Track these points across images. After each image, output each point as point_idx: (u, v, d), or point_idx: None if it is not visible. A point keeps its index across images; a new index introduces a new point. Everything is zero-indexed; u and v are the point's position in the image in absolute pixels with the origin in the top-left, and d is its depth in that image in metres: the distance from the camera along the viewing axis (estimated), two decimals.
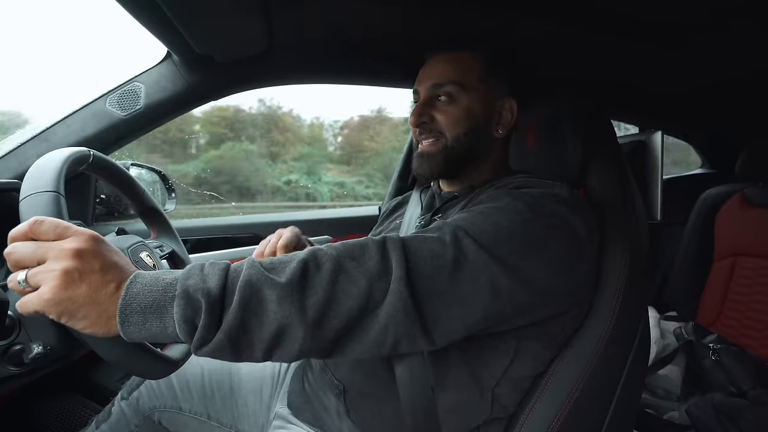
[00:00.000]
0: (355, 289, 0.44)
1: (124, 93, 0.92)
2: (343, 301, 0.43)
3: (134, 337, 0.41)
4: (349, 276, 0.44)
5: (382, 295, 0.45)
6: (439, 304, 0.47)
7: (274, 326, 0.42)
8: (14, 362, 0.54)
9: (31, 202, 0.48)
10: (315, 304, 0.42)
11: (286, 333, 0.42)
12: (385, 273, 0.45)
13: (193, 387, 0.79)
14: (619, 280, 0.64)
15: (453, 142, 0.69)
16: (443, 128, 0.69)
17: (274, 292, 0.42)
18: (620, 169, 0.75)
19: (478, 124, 0.70)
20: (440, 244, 0.49)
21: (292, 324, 0.42)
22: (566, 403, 0.59)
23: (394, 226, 0.83)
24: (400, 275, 0.45)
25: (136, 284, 0.41)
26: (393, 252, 0.47)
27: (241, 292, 0.41)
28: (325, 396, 0.67)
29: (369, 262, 0.46)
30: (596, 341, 0.61)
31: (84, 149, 0.62)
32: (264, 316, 0.42)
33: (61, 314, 0.40)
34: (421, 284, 0.46)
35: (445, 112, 0.69)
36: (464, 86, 0.69)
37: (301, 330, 0.42)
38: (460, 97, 0.69)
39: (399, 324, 0.45)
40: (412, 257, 0.47)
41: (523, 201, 0.55)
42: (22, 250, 0.41)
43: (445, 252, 0.48)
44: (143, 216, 0.84)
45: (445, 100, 0.70)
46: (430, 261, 0.47)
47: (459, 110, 0.69)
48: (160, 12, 0.69)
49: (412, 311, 0.45)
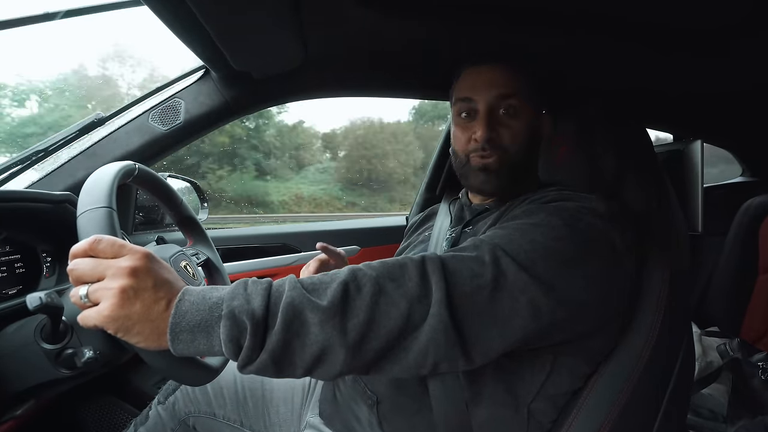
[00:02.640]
0: (395, 311, 0.44)
1: (165, 109, 0.97)
2: (384, 323, 0.44)
3: (183, 353, 0.43)
4: (389, 298, 0.44)
5: (422, 317, 0.44)
6: (478, 325, 0.47)
7: (315, 348, 0.42)
8: (67, 365, 0.56)
9: (89, 217, 0.51)
10: (356, 326, 0.43)
11: (327, 354, 0.43)
12: (425, 294, 0.45)
13: (226, 394, 0.81)
14: (660, 296, 0.62)
15: (515, 156, 0.68)
16: (507, 144, 0.68)
17: (316, 315, 0.42)
18: (658, 179, 0.73)
19: (534, 138, 0.70)
20: (479, 263, 0.49)
21: (333, 346, 0.42)
22: (605, 421, 0.57)
23: (423, 239, 0.82)
24: (440, 297, 0.45)
25: (185, 302, 0.43)
26: (433, 273, 0.46)
27: (284, 315, 0.42)
28: (357, 406, 0.67)
29: (408, 283, 0.46)
30: (637, 358, 0.59)
31: (131, 163, 0.65)
32: (306, 338, 0.42)
33: (118, 330, 0.42)
34: (460, 305, 0.46)
35: (509, 127, 0.68)
36: (525, 98, 0.68)
37: (342, 352, 0.43)
38: (522, 112, 0.68)
39: (439, 346, 0.44)
40: (452, 278, 0.47)
41: (558, 216, 0.55)
42: (82, 266, 0.43)
43: (484, 272, 0.48)
44: (181, 225, 0.87)
45: (508, 113, 0.68)
46: (469, 281, 0.47)
47: (521, 125, 0.68)
48: (200, 30, 0.72)
49: (452, 333, 0.45)
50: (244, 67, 0.89)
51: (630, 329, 0.61)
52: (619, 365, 0.60)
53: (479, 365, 0.49)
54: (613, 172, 0.72)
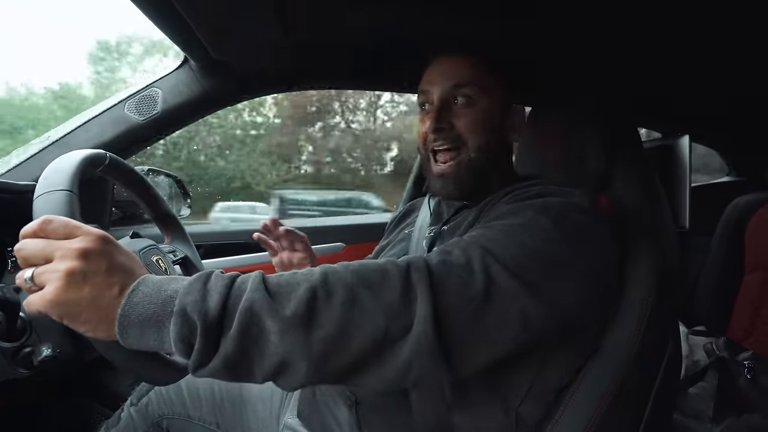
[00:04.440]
0: (370, 324, 0.40)
1: (142, 98, 0.94)
2: (356, 336, 0.39)
3: (133, 347, 0.40)
4: (364, 308, 0.40)
5: (403, 331, 0.40)
6: (468, 339, 0.44)
7: (275, 359, 0.39)
8: (24, 364, 0.53)
9: (44, 200, 0.48)
10: (321, 340, 0.39)
11: (288, 367, 0.39)
12: (408, 307, 0.41)
13: (202, 395, 0.78)
14: (648, 291, 0.61)
15: (476, 152, 0.64)
16: (464, 135, 0.64)
17: (276, 324, 0.38)
18: (646, 175, 0.72)
19: (497, 130, 0.66)
20: (468, 272, 0.45)
21: (294, 360, 0.39)
22: (593, 417, 0.56)
23: (403, 237, 0.79)
24: (425, 314, 0.41)
25: (138, 293, 0.39)
26: (418, 283, 0.42)
27: (240, 318, 0.38)
28: (337, 407, 0.65)
29: (389, 293, 0.41)
30: (624, 353, 0.58)
31: (100, 151, 0.62)
32: (265, 347, 0.39)
33: (63, 316, 0.39)
34: (448, 320, 0.42)
35: (465, 115, 0.64)
36: (483, 88, 0.65)
37: (304, 365, 0.39)
38: (480, 100, 0.65)
39: (423, 363, 0.41)
40: (439, 289, 0.43)
41: (546, 215, 0.52)
42: (30, 246, 0.40)
43: (474, 281, 0.44)
44: (158, 221, 0.84)
45: (464, 102, 0.65)
46: (458, 293, 0.43)
47: (479, 114, 0.64)
48: (178, 17, 0.70)
49: (437, 350, 0.41)
50: (224, 56, 0.87)
51: (618, 324, 0.60)
52: (606, 360, 0.59)
53: (467, 376, 0.46)
54: (601, 168, 0.71)
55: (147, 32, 7.25)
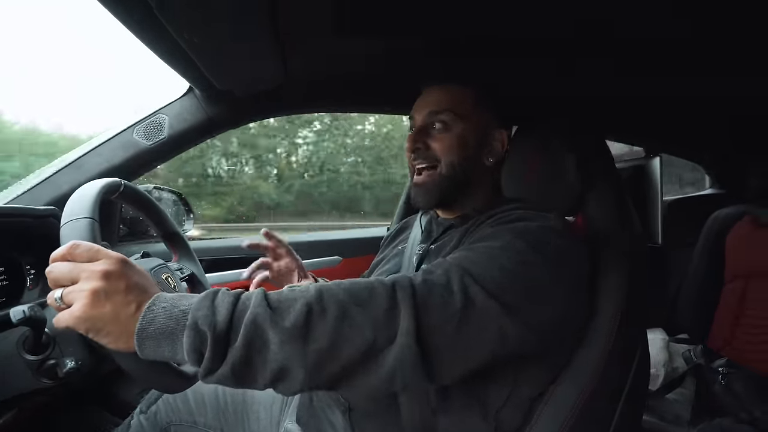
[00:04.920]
0: (359, 337, 0.45)
1: (149, 124, 1.00)
2: (346, 348, 0.45)
3: (150, 357, 0.45)
4: (354, 323, 0.45)
5: (387, 343, 0.46)
6: (446, 353, 0.48)
7: (275, 366, 0.44)
8: (48, 375, 0.59)
9: (71, 227, 0.54)
10: (316, 351, 0.44)
11: (287, 373, 0.44)
12: (392, 321, 0.46)
13: (208, 402, 0.83)
14: (617, 304, 0.65)
15: (447, 169, 0.72)
16: (438, 155, 0.72)
17: (277, 335, 0.44)
18: (617, 193, 0.75)
19: (470, 153, 0.73)
20: (449, 292, 0.50)
21: (292, 367, 0.44)
22: (564, 422, 0.60)
23: (397, 252, 0.85)
24: (407, 327, 0.46)
25: (154, 309, 0.45)
26: (402, 301, 0.47)
27: (245, 330, 0.43)
28: (332, 412, 0.70)
29: (376, 309, 0.46)
30: (595, 361, 0.63)
31: (116, 180, 0.68)
32: (267, 355, 0.44)
33: (89, 330, 0.44)
34: (428, 335, 0.47)
35: (440, 139, 0.72)
36: (459, 115, 0.72)
37: (301, 372, 0.44)
38: (454, 125, 0.72)
39: (405, 373, 0.46)
40: (421, 306, 0.48)
41: (523, 239, 0.56)
42: (59, 270, 0.46)
43: (453, 301, 0.49)
44: (166, 240, 0.89)
45: (440, 127, 0.72)
46: (438, 310, 0.48)
47: (453, 138, 0.72)
48: (183, 54, 0.76)
49: (419, 361, 0.46)
50: (227, 86, 0.93)
51: (590, 334, 0.64)
52: (579, 369, 0.63)
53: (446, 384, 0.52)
54: (576, 189, 0.74)
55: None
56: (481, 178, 0.75)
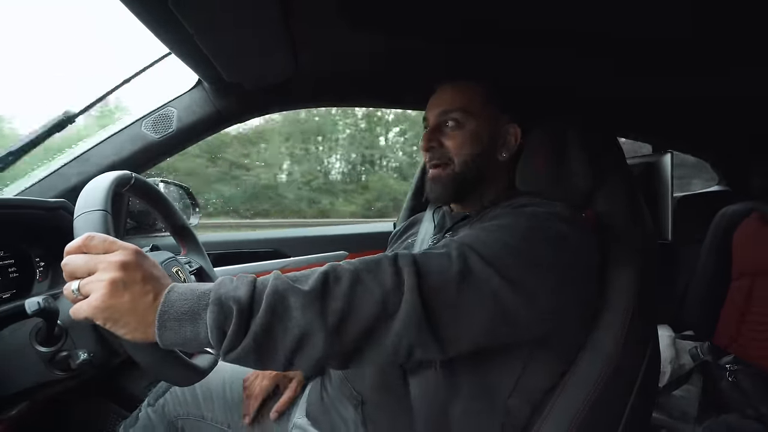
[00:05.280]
0: (371, 298, 0.48)
1: (158, 117, 0.99)
2: (361, 308, 0.47)
3: (169, 342, 0.45)
4: (366, 287, 0.48)
5: (396, 305, 0.48)
6: (447, 315, 0.50)
7: (297, 332, 0.45)
8: (61, 367, 0.59)
9: (84, 219, 0.54)
10: (335, 311, 0.46)
11: (307, 339, 0.46)
12: (399, 284, 0.49)
13: (215, 396, 0.83)
14: (629, 300, 0.65)
15: (461, 166, 0.73)
16: (451, 152, 0.73)
17: (298, 299, 0.46)
18: (628, 189, 0.75)
19: (483, 149, 0.74)
20: (447, 258, 0.52)
21: (313, 331, 0.46)
22: (576, 416, 0.61)
23: (406, 246, 0.86)
24: (412, 285, 0.48)
25: (173, 293, 0.46)
26: (405, 266, 0.50)
27: (268, 299, 0.45)
28: (343, 407, 0.70)
29: (383, 275, 0.49)
30: (607, 357, 0.63)
31: (128, 173, 0.67)
32: (288, 322, 0.45)
33: (107, 321, 0.45)
34: (430, 296, 0.49)
35: (453, 137, 0.73)
36: (470, 113, 0.73)
37: (321, 336, 0.46)
38: (466, 123, 0.73)
39: (412, 332, 0.48)
40: (422, 270, 0.50)
41: (524, 218, 0.59)
42: (75, 261, 0.46)
43: (451, 266, 0.51)
44: (175, 233, 0.89)
45: (453, 125, 0.74)
46: (437, 274, 0.51)
47: (465, 135, 0.73)
48: (194, 46, 0.75)
49: (423, 320, 0.48)
50: (236, 79, 0.92)
51: (600, 329, 0.64)
52: (591, 364, 0.63)
53: (452, 356, 0.52)
54: (588, 184, 0.74)
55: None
56: (495, 173, 0.76)
